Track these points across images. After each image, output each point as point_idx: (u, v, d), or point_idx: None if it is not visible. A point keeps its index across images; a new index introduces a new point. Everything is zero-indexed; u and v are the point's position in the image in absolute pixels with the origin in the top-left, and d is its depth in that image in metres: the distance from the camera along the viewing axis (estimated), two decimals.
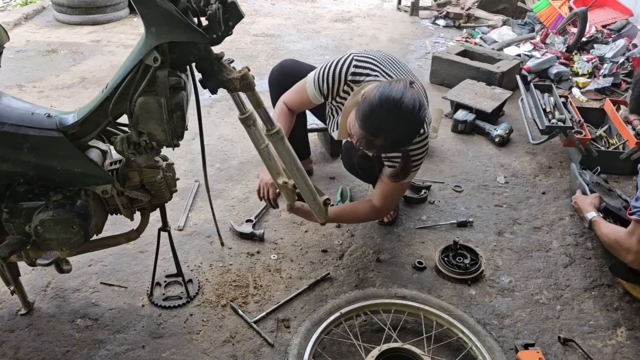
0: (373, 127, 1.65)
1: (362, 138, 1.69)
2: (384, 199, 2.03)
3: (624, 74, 3.91)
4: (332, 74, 1.94)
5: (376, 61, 1.93)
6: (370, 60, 1.93)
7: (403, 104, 1.61)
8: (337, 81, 1.94)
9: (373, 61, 1.92)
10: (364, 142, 1.70)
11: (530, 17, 5.05)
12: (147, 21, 1.30)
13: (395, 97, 1.61)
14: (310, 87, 2.03)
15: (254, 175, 2.72)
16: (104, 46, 4.51)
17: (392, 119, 1.63)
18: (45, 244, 1.53)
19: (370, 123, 1.65)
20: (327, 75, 1.96)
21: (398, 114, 1.62)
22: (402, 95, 1.61)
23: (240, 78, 1.44)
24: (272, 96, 2.40)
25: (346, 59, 1.94)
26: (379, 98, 1.63)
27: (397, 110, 1.62)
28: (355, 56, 1.93)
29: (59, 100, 3.50)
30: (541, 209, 2.55)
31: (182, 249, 2.19)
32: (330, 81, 1.95)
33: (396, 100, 1.61)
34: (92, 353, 1.75)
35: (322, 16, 5.62)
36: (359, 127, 1.68)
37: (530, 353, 1.73)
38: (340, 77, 1.92)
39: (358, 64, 1.91)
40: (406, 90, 1.63)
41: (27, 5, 5.43)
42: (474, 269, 2.10)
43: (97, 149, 1.59)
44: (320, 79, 1.98)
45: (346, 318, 1.82)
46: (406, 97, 1.61)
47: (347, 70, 1.91)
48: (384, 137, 1.66)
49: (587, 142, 2.77)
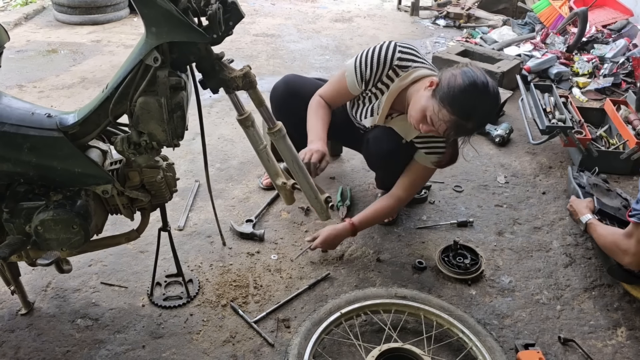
0: (468, 111, 1.72)
1: (452, 123, 1.74)
2: (412, 187, 2.11)
3: (624, 74, 3.91)
4: (378, 58, 1.95)
5: (415, 49, 2.01)
6: (411, 48, 1.99)
7: (489, 85, 1.73)
8: (382, 65, 1.95)
9: (413, 50, 1.99)
10: (453, 126, 1.76)
11: (531, 17, 5.05)
12: (147, 21, 1.30)
13: (483, 81, 1.72)
14: (350, 74, 2.01)
15: (254, 175, 2.72)
16: (104, 46, 4.51)
17: (484, 102, 1.74)
18: (45, 244, 1.53)
19: (465, 107, 1.72)
20: (370, 60, 1.96)
21: (488, 96, 1.73)
22: (486, 79, 1.73)
23: (242, 76, 1.44)
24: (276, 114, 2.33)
25: (388, 45, 1.96)
26: (470, 83, 1.70)
27: (487, 93, 1.72)
28: (398, 43, 1.97)
29: (59, 100, 3.50)
30: (541, 209, 2.55)
31: (182, 249, 2.19)
32: (375, 65, 1.95)
33: (485, 84, 1.72)
34: (92, 353, 1.75)
35: (322, 16, 5.63)
36: (450, 112, 1.72)
37: (530, 353, 1.73)
38: (386, 61, 1.94)
39: (403, 50, 1.96)
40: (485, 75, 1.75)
41: (27, 5, 5.43)
42: (474, 269, 2.10)
43: (98, 149, 1.59)
44: (363, 64, 1.97)
45: (346, 318, 1.82)
46: (489, 81, 1.74)
47: (393, 55, 1.94)
48: (478, 118, 1.75)
49: (587, 142, 2.77)
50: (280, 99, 2.26)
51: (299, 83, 2.29)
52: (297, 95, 2.20)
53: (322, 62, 4.34)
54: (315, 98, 2.13)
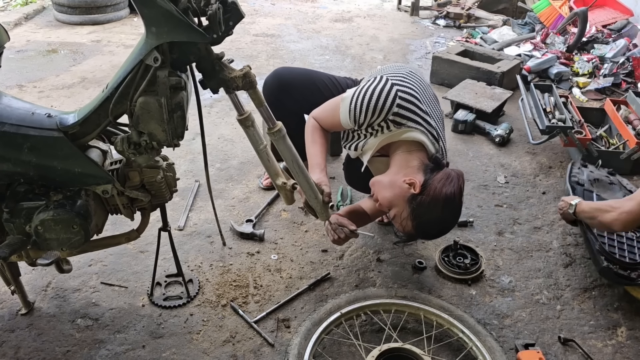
0: (428, 236, 1.91)
1: (410, 235, 1.82)
2: None
3: (624, 74, 3.91)
4: (374, 107, 1.76)
5: (416, 97, 1.81)
6: (412, 95, 1.79)
7: (456, 204, 1.71)
8: (377, 115, 1.77)
9: (414, 99, 1.79)
10: (410, 236, 1.85)
11: (531, 17, 5.05)
12: (147, 21, 1.30)
13: (455, 205, 1.71)
14: (344, 112, 1.84)
15: (254, 175, 2.72)
16: (104, 46, 4.51)
17: (446, 229, 1.80)
18: (45, 243, 1.53)
19: (428, 234, 1.86)
20: (366, 106, 1.77)
21: (450, 225, 1.80)
22: (455, 194, 1.69)
23: (242, 76, 1.44)
24: None
25: (388, 92, 1.75)
26: (441, 220, 1.73)
27: (455, 214, 1.76)
28: (399, 89, 1.76)
29: (59, 100, 3.50)
30: (541, 209, 2.55)
31: (182, 248, 2.19)
32: (370, 113, 1.77)
33: (455, 206, 1.72)
34: (92, 353, 1.75)
35: (322, 16, 5.63)
36: (413, 228, 1.74)
37: (530, 353, 1.73)
38: (382, 112, 1.76)
39: (402, 102, 1.76)
40: (458, 184, 1.70)
41: (27, 5, 5.43)
42: (474, 269, 2.10)
43: (98, 149, 1.59)
44: (357, 108, 1.79)
45: (346, 318, 1.83)
46: (457, 196, 1.69)
47: (391, 106, 1.75)
48: (434, 237, 1.95)
49: (587, 142, 2.77)
50: (271, 94, 2.19)
51: (290, 76, 2.23)
52: (289, 88, 2.16)
53: (322, 62, 4.34)
54: (310, 121, 2.03)
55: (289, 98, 2.15)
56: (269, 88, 2.21)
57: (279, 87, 2.19)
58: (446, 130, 3.21)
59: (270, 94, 2.19)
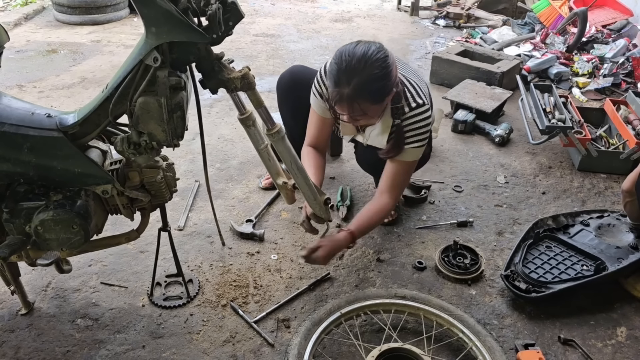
0: (337, 79, 1.73)
1: (334, 97, 1.76)
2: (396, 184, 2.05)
3: (624, 74, 3.91)
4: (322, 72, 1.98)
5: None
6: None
7: (356, 49, 1.72)
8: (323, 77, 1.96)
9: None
10: (336, 99, 1.75)
11: (530, 17, 5.04)
12: (147, 21, 1.30)
13: (348, 48, 1.74)
14: (312, 99, 2.05)
15: (254, 175, 2.72)
16: (104, 46, 4.51)
17: (351, 65, 1.71)
18: (45, 244, 1.53)
19: (335, 77, 1.73)
20: (319, 76, 2.00)
21: (353, 58, 1.71)
22: (354, 46, 1.73)
23: (241, 77, 1.44)
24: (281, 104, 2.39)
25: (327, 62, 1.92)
26: (336, 53, 1.75)
27: (352, 56, 1.71)
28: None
29: (59, 100, 3.50)
30: (541, 209, 2.54)
31: (182, 249, 2.19)
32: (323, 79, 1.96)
33: (349, 50, 1.73)
34: (92, 353, 1.75)
35: (322, 16, 5.62)
36: (330, 88, 1.76)
37: (530, 353, 1.73)
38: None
39: None
40: (363, 43, 1.73)
41: (27, 5, 5.43)
42: (474, 269, 2.11)
43: (97, 149, 1.59)
44: (316, 83, 2.02)
45: (346, 318, 1.83)
46: (360, 45, 1.73)
47: None
48: (347, 82, 1.71)
49: (587, 142, 2.77)
50: (285, 89, 2.32)
51: (304, 74, 2.30)
52: (301, 86, 2.20)
53: (322, 62, 4.31)
54: (303, 150, 2.14)
55: (301, 94, 2.18)
56: (283, 84, 2.32)
57: (292, 83, 2.29)
58: (446, 130, 3.24)
59: (284, 90, 2.32)
